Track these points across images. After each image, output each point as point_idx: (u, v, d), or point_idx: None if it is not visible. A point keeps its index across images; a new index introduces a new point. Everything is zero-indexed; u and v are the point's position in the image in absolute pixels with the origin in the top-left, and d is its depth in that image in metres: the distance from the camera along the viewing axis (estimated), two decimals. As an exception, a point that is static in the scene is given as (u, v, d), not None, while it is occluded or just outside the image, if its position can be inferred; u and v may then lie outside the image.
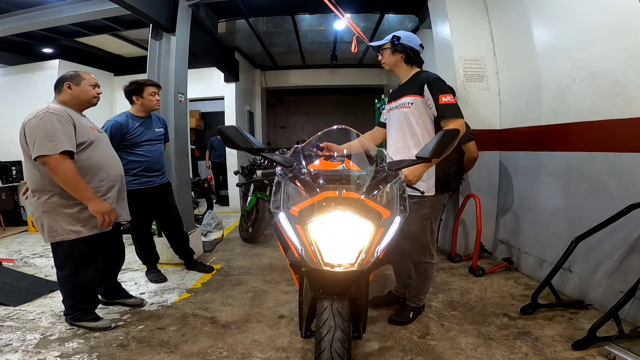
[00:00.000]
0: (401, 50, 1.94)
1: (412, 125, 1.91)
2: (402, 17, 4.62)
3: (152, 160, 2.65)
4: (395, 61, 1.97)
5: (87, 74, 2.07)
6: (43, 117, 1.79)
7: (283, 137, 10.58)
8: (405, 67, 1.98)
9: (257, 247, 3.84)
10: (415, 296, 2.13)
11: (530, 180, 2.82)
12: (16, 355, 1.81)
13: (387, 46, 1.96)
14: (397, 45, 1.93)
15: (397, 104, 1.98)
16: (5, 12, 3.77)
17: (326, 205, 1.21)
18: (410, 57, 1.95)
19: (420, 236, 2.00)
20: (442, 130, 1.34)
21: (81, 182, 1.83)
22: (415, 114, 1.89)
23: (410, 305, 2.14)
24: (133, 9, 2.90)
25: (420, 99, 1.87)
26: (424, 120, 1.89)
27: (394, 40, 1.93)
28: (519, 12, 2.82)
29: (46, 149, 1.75)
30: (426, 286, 2.14)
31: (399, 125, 1.95)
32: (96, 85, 2.08)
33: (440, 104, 1.79)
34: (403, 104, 1.93)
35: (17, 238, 4.44)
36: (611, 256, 2.10)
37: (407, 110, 1.91)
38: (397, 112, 1.98)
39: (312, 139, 1.92)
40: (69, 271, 1.98)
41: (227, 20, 4.41)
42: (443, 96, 1.79)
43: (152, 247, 2.91)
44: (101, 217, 1.89)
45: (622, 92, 2.01)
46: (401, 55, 1.95)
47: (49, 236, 1.91)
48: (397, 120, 1.97)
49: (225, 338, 1.98)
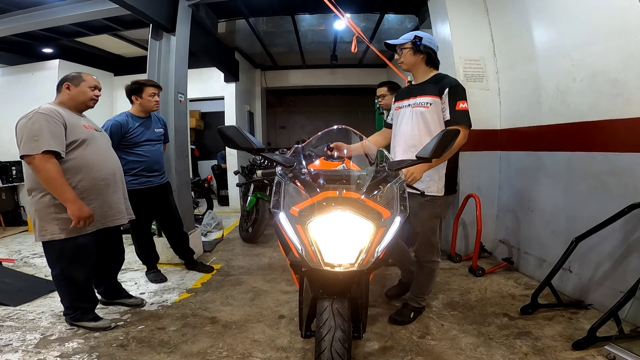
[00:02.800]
0: (423, 50, 1.94)
1: (428, 125, 1.93)
2: (402, 17, 4.62)
3: (152, 161, 2.65)
4: (416, 61, 1.97)
5: (88, 75, 2.08)
6: (32, 117, 1.83)
7: (283, 137, 10.57)
8: (425, 68, 2.00)
9: (257, 247, 3.84)
10: (418, 296, 2.14)
11: (530, 180, 2.82)
12: (16, 355, 1.81)
13: (408, 46, 1.95)
14: (419, 46, 1.92)
15: (412, 102, 1.98)
16: (5, 12, 3.77)
17: (326, 205, 1.22)
18: (431, 59, 1.97)
19: (430, 235, 2.03)
20: (442, 130, 1.35)
21: (62, 183, 1.82)
22: (434, 115, 1.92)
23: (412, 305, 2.14)
24: (133, 9, 2.90)
25: (439, 100, 1.90)
26: (440, 121, 1.93)
27: (416, 41, 1.92)
28: (519, 12, 2.82)
29: (30, 148, 1.78)
30: (430, 286, 2.16)
31: (414, 123, 1.96)
32: (96, 87, 2.08)
33: (457, 109, 1.84)
34: (421, 103, 1.94)
35: (17, 238, 4.44)
36: (611, 256, 2.10)
37: (425, 110, 1.93)
38: (411, 110, 1.98)
39: (312, 139, 1.92)
40: (59, 270, 1.98)
41: (227, 20, 4.41)
42: (461, 102, 1.86)
43: (152, 247, 2.91)
44: (76, 221, 1.85)
45: (622, 92, 2.01)
46: (422, 56, 1.96)
47: (40, 235, 1.92)
48: (411, 118, 1.97)
49: (225, 338, 1.98)
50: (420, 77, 2.02)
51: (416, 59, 1.96)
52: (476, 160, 3.23)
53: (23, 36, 4.44)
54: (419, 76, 2.02)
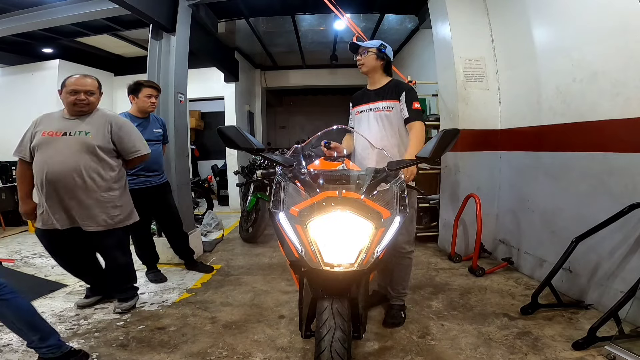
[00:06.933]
0: (385, 58, 2.11)
1: (393, 126, 2.08)
2: (402, 17, 4.62)
3: (151, 160, 2.63)
4: (376, 66, 2.11)
5: (71, 78, 2.07)
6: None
7: (283, 137, 10.56)
8: (381, 74, 2.15)
9: (257, 247, 3.84)
10: (401, 292, 2.17)
11: (530, 180, 2.82)
12: (16, 355, 1.82)
13: (373, 50, 2.08)
14: (383, 53, 2.09)
15: (374, 106, 2.12)
16: (5, 12, 3.77)
17: (326, 205, 1.21)
18: (388, 66, 2.17)
19: (407, 225, 2.06)
20: (442, 130, 1.36)
21: (19, 183, 2.16)
22: (397, 116, 2.07)
23: (398, 305, 2.16)
24: (133, 9, 2.90)
25: (398, 103, 2.07)
26: (401, 121, 2.08)
27: (381, 48, 2.09)
28: (519, 12, 2.82)
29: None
30: (409, 279, 2.21)
31: (380, 126, 2.09)
32: (74, 91, 2.03)
33: (413, 109, 2.03)
34: (384, 107, 2.10)
35: (17, 238, 4.45)
36: (611, 256, 2.10)
37: (389, 113, 2.08)
38: (374, 114, 2.11)
39: (312, 139, 1.93)
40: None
41: (227, 20, 4.41)
42: (415, 103, 2.05)
43: (152, 247, 2.91)
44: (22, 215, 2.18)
45: (622, 92, 2.01)
46: (382, 62, 2.11)
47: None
48: (376, 121, 2.10)
49: (225, 338, 1.99)
50: (377, 81, 2.15)
51: (377, 63, 2.10)
52: (476, 160, 3.23)
53: (23, 36, 4.44)
54: (376, 81, 2.16)
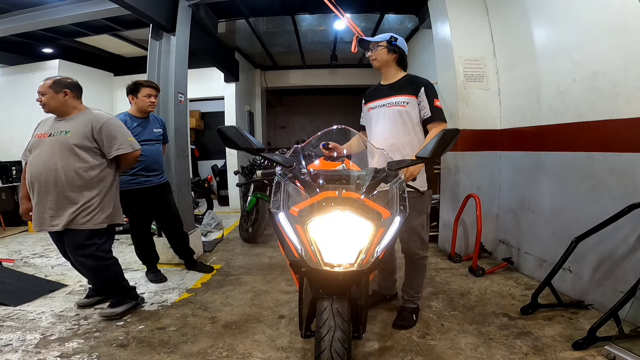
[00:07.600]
0: (397, 50, 2.01)
1: (406, 123, 1.98)
2: (402, 17, 4.62)
3: (150, 160, 2.66)
4: (388, 60, 2.02)
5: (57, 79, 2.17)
6: None
7: (283, 137, 10.56)
8: (396, 68, 2.06)
9: (257, 247, 3.84)
10: (414, 296, 2.14)
11: (530, 180, 2.82)
12: (16, 355, 1.81)
13: (383, 44, 2.00)
14: (394, 46, 1.99)
15: (387, 102, 2.03)
16: (5, 12, 3.77)
17: (326, 205, 1.21)
18: (402, 59, 2.05)
19: (420, 230, 2.04)
20: (442, 130, 1.35)
21: (22, 185, 2.21)
22: (411, 113, 1.98)
23: (411, 307, 2.14)
24: (133, 9, 2.90)
25: (415, 99, 1.96)
26: (417, 118, 1.99)
27: (391, 40, 1.98)
28: (519, 12, 2.82)
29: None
30: (423, 283, 2.18)
31: (392, 122, 1.99)
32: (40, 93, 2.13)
33: (434, 106, 1.93)
34: (397, 102, 1.99)
35: (17, 238, 4.44)
36: (611, 256, 2.10)
37: (402, 109, 1.98)
38: (387, 109, 2.02)
39: (312, 139, 1.93)
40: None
41: (227, 20, 4.41)
42: (436, 100, 1.95)
43: (152, 247, 2.90)
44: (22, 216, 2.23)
45: (622, 92, 2.01)
46: (395, 55, 2.02)
47: None
48: (388, 117, 2.01)
49: (225, 338, 1.99)
50: (391, 76, 2.07)
51: (389, 57, 2.01)
52: (476, 160, 3.23)
53: (23, 36, 4.44)
54: (390, 75, 2.07)
